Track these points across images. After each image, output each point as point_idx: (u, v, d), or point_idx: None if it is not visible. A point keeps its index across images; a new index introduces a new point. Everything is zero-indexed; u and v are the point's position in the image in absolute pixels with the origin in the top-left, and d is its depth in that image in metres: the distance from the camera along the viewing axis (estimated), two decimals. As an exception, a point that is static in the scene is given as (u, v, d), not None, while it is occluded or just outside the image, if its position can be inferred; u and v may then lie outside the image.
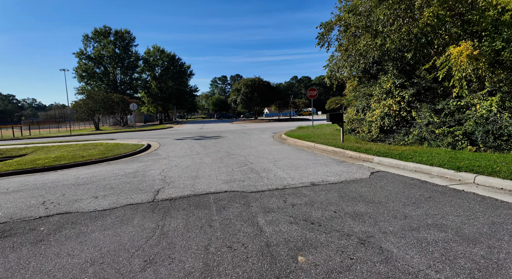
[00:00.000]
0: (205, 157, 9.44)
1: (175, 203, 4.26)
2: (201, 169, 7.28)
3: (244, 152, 10.26)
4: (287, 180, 5.57)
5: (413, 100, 9.77)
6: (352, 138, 11.77)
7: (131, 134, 22.95)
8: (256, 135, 16.67)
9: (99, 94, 35.47)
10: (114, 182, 6.05)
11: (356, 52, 10.59)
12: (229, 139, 15.20)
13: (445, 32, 8.97)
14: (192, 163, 8.26)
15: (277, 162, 7.85)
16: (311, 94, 17.48)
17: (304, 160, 7.87)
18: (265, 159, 8.46)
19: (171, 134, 20.38)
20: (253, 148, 11.19)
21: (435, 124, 8.58)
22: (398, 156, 6.90)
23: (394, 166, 6.43)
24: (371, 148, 8.46)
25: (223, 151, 10.84)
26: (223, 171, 6.84)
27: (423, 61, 10.00)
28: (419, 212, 3.47)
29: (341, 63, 11.34)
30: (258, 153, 9.71)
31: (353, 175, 5.78)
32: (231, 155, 9.66)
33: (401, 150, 7.94)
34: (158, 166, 7.96)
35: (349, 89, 15.99)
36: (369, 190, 4.59)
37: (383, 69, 11.40)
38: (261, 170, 6.68)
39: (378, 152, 7.64)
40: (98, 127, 35.94)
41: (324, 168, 6.60)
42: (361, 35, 10.23)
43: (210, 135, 18.28)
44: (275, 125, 28.28)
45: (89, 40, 46.64)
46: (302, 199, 4.23)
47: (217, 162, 8.32)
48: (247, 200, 4.29)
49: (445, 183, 4.77)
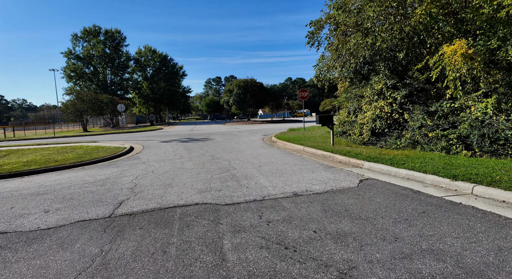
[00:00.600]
0: (187, 161, 8.87)
1: (134, 219, 3.70)
2: (178, 175, 6.71)
3: (229, 155, 9.72)
4: (268, 189, 5.05)
5: (405, 101, 9.36)
6: (343, 141, 11.32)
7: (117, 136, 22.19)
8: (246, 138, 16.15)
9: (87, 94, 34.52)
10: (78, 191, 5.45)
11: (347, 51, 10.17)
12: (217, 142, 14.64)
13: (438, 31, 8.59)
14: (171, 168, 7.68)
15: (262, 167, 7.33)
16: (302, 95, 17.02)
17: (290, 165, 7.37)
18: (250, 164, 7.93)
19: (158, 136, 19.72)
20: (240, 152, 10.66)
21: (428, 127, 8.17)
22: (389, 161, 6.45)
23: (385, 172, 5.97)
24: (361, 152, 8.00)
25: (208, 154, 10.28)
26: (201, 178, 6.28)
27: (415, 61, 9.61)
28: (412, 232, 2.97)
29: (331, 63, 10.90)
30: (244, 157, 9.18)
31: (341, 183, 5.28)
32: (216, 159, 9.11)
33: (392, 154, 7.50)
34: (134, 172, 7.36)
35: (341, 90, 15.59)
36: (356, 202, 4.09)
37: (374, 69, 11.00)
38: (243, 177, 6.15)
39: (368, 157, 7.17)
40: (86, 129, 34.97)
41: (310, 175, 6.10)
42: (352, 34, 9.81)
43: (199, 137, 17.69)
44: (267, 127, 27.79)
45: (78, 39, 45.53)
46: (281, 214, 3.71)
47: (199, 167, 7.77)
48: (218, 215, 3.75)
49: (441, 193, 4.30)
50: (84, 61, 44.37)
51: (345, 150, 8.78)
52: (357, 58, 10.08)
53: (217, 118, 69.81)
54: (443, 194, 4.23)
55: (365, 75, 12.35)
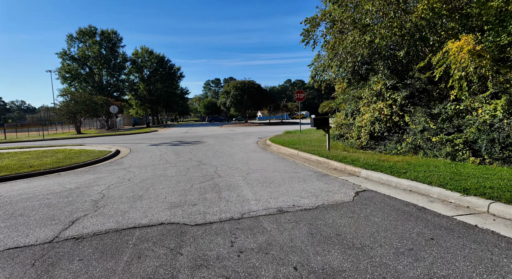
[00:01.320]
0: (171, 167, 8.21)
1: (79, 246, 3.03)
2: (155, 184, 6.04)
3: (218, 161, 9.06)
4: (250, 203, 4.38)
5: (406, 103, 8.73)
6: (340, 145, 10.67)
7: (109, 139, 21.51)
8: (240, 141, 15.49)
9: (81, 96, 33.85)
10: (36, 204, 4.78)
11: (344, 50, 9.53)
12: (209, 145, 13.98)
13: (441, 27, 7.97)
14: (151, 176, 7.02)
15: (249, 174, 6.67)
16: (298, 96, 16.39)
17: (281, 173, 6.70)
18: (238, 170, 7.27)
19: (150, 139, 19.05)
20: (231, 156, 10.01)
21: (431, 131, 7.52)
22: (389, 169, 5.79)
23: (385, 182, 5.31)
24: (358, 158, 7.34)
25: (195, 159, 9.62)
26: (179, 188, 5.62)
27: (417, 60, 8.99)
28: (420, 271, 2.32)
29: (327, 62, 10.27)
30: (232, 163, 8.52)
31: (334, 196, 4.62)
32: (202, 164, 8.46)
33: (393, 161, 6.85)
34: (109, 180, 6.70)
35: (338, 92, 14.96)
36: (350, 222, 3.43)
37: (373, 69, 10.37)
38: (225, 187, 5.48)
39: (366, 164, 6.52)
40: (79, 131, 34.28)
41: (301, 185, 5.43)
42: (349, 32, 9.18)
43: (191, 140, 17.02)
44: (263, 129, 27.15)
45: (74, 40, 44.87)
46: (258, 239, 3.05)
47: (181, 174, 7.11)
48: (182, 240, 3.09)
49: (450, 211, 3.64)
50: (79, 62, 43.71)
51: (341, 155, 8.13)
52: (354, 57, 9.45)
53: (215, 120, 69.08)
54: (453, 213, 3.57)
55: (363, 76, 11.73)
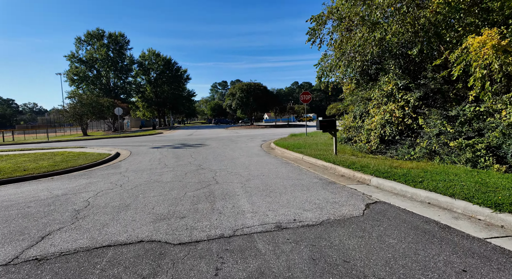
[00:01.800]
0: (169, 172, 7.77)
1: (38, 271, 2.57)
2: (147, 191, 5.59)
3: (218, 165, 8.59)
4: (245, 216, 3.88)
5: (419, 105, 8.10)
6: (348, 149, 10.08)
7: (113, 141, 21.32)
8: (243, 144, 15.01)
9: (87, 98, 33.99)
10: (12, 213, 4.38)
11: (352, 48, 8.98)
12: (211, 148, 13.54)
13: (459, 22, 7.35)
14: (145, 181, 6.58)
15: (249, 181, 6.16)
16: (304, 98, 15.83)
17: (283, 179, 6.18)
18: (237, 176, 6.78)
19: (153, 141, 18.74)
20: (232, 160, 9.53)
21: (448, 135, 6.89)
22: (403, 177, 5.20)
23: (399, 193, 4.73)
24: (368, 164, 6.76)
25: (195, 163, 9.18)
26: (171, 196, 5.15)
27: (431, 59, 8.37)
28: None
29: (334, 61, 9.73)
30: (233, 168, 8.04)
31: (341, 208, 4.07)
32: (201, 169, 8.00)
33: (406, 167, 6.24)
34: (100, 186, 6.29)
35: (346, 93, 14.36)
36: (360, 244, 2.89)
37: (383, 69, 9.77)
38: (221, 196, 4.99)
39: (377, 171, 5.93)
40: (86, 133, 34.37)
41: (304, 194, 4.90)
42: (357, 28, 8.64)
43: (194, 143, 16.63)
44: (269, 131, 26.63)
45: (82, 43, 45.40)
46: (249, 265, 2.55)
47: (177, 179, 6.65)
48: (158, 265, 2.60)
49: (481, 232, 3.06)
50: (87, 64, 44.11)
51: (350, 160, 7.55)
52: (363, 56, 8.88)
53: (221, 122, 68.87)
54: (485, 234, 2.99)
55: (373, 76, 11.14)
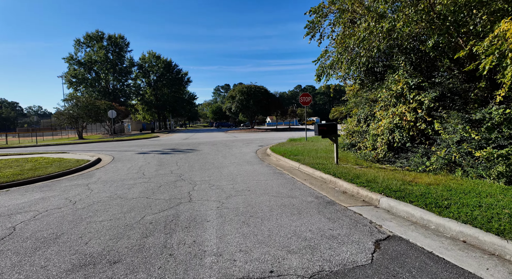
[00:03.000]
0: (141, 184, 6.68)
1: None
2: (99, 213, 4.48)
3: (201, 175, 7.48)
4: (203, 262, 2.73)
5: (435, 107, 6.91)
6: (351, 157, 8.91)
7: (103, 145, 20.31)
8: (237, 149, 13.88)
9: (83, 100, 33.19)
10: None
11: (355, 42, 7.84)
12: (202, 154, 12.43)
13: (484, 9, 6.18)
14: (106, 197, 5.48)
15: (229, 199, 5.02)
16: (304, 100, 14.67)
17: (271, 197, 5.03)
18: (218, 191, 5.64)
19: (144, 146, 17.68)
20: (219, 169, 8.41)
21: (472, 142, 5.70)
22: (422, 198, 4.02)
23: (418, 221, 3.55)
24: (376, 178, 5.58)
25: (177, 173, 8.09)
26: (123, 222, 4.03)
27: (447, 53, 7.20)
28: None
29: (336, 57, 8.59)
30: (217, 179, 6.92)
31: (340, 249, 2.91)
32: (181, 180, 6.90)
33: (423, 182, 5.06)
34: (50, 203, 5.20)
35: (349, 94, 13.21)
36: None
37: (391, 66, 8.61)
38: (185, 224, 3.85)
39: (387, 188, 4.76)
40: (81, 136, 33.52)
41: (293, 222, 3.74)
42: (361, 19, 7.51)
43: (185, 148, 15.53)
44: (268, 135, 25.48)
45: (81, 45, 44.83)
46: None
47: (144, 195, 5.54)
48: None
49: None
50: (86, 66, 43.46)
51: (353, 172, 6.37)
52: (368, 51, 7.73)
53: (222, 125, 67.87)
54: None
55: (379, 75, 9.98)
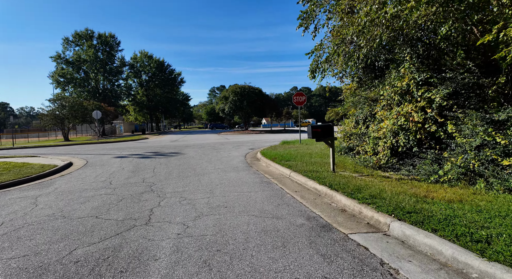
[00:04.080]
0: (102, 196, 5.58)
1: None
2: (15, 244, 3.37)
3: (176, 185, 6.40)
4: None
5: (448, 105, 5.93)
6: (349, 163, 7.89)
7: (84, 148, 19.04)
8: (226, 153, 12.80)
9: (68, 100, 31.79)
10: None
11: (355, 29, 6.84)
12: (185, 158, 11.32)
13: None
14: (46, 217, 4.37)
15: (198, 220, 3.95)
16: (298, 100, 13.65)
17: (251, 217, 3.96)
18: (187, 208, 4.57)
19: (126, 149, 16.48)
20: (200, 177, 7.35)
21: (497, 148, 4.70)
22: (449, 226, 2.99)
23: (450, 263, 2.50)
24: (381, 191, 4.55)
25: (149, 181, 7.00)
26: (36, 260, 2.92)
27: (462, 43, 6.23)
28: None
29: (332, 49, 7.58)
30: (193, 190, 5.84)
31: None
32: (149, 192, 5.81)
33: (441, 198, 4.04)
34: (-34, 226, 4.05)
35: (346, 93, 12.22)
36: None
37: (394, 60, 7.63)
38: (123, 263, 2.76)
39: (398, 206, 3.72)
40: (67, 138, 32.10)
41: (275, 261, 2.67)
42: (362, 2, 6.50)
43: (170, 151, 14.38)
44: (261, 138, 24.43)
45: (70, 43, 43.29)
46: None
47: (94, 215, 4.44)
48: None
49: None
50: (74, 66, 41.94)
51: (353, 182, 5.34)
52: (370, 41, 6.73)
53: (216, 127, 66.62)
54: None
55: (379, 71, 9.01)
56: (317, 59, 8.20)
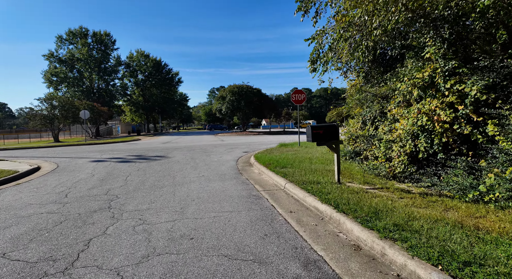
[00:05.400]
0: (39, 217, 4.31)
1: None
2: None
3: (142, 200, 5.12)
4: None
5: (489, 100, 4.64)
6: (356, 171, 6.59)
7: (67, 150, 17.73)
8: (217, 156, 11.50)
9: (62, 100, 30.52)
10: None
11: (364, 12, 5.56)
12: (169, 162, 10.03)
13: None
14: None
15: (141, 265, 2.67)
16: (297, 98, 12.36)
17: (222, 260, 2.67)
18: (139, 238, 3.29)
19: (110, 151, 15.17)
20: (177, 187, 6.07)
21: None
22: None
23: None
24: (409, 218, 3.25)
25: (113, 193, 5.73)
26: None
27: (504, 21, 4.94)
28: None
29: (337, 34, 6.29)
30: (158, 208, 4.55)
31: None
32: (103, 210, 4.54)
33: (502, 231, 2.74)
34: None
35: (351, 91, 10.93)
36: None
37: (411, 47, 6.33)
38: None
39: (444, 250, 2.42)
40: (57, 139, 30.77)
41: None
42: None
43: (156, 154, 13.08)
44: (258, 139, 23.14)
45: (64, 42, 42.07)
46: None
47: (2, 250, 3.13)
48: None
49: None
50: (67, 64, 40.69)
51: (366, 200, 4.03)
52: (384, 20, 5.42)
53: (215, 128, 65.25)
54: None
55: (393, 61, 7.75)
56: (318, 47, 6.92)
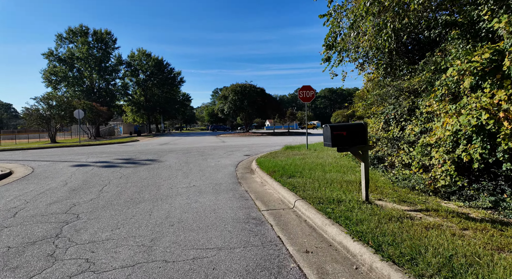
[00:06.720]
0: None
1: None
2: None
3: (108, 223, 3.86)
4: None
5: None
6: (383, 183, 5.24)
7: (58, 151, 16.59)
8: (214, 160, 10.21)
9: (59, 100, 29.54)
10: None
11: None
12: (159, 168, 8.76)
13: None
14: None
15: None
16: (304, 95, 11.03)
17: None
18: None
19: (98, 154, 13.96)
20: (157, 203, 4.80)
21: None
22: None
23: None
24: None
25: (76, 212, 4.49)
26: None
27: None
28: None
29: (361, 8, 4.94)
30: (120, 241, 3.26)
31: None
32: (46, 241, 3.28)
33: None
34: None
35: (368, 85, 9.56)
36: None
37: (458, 24, 4.96)
38: None
39: None
40: (54, 140, 29.78)
41: None
42: None
43: (148, 157, 11.83)
44: (262, 141, 21.81)
45: (64, 40, 41.20)
46: None
47: None
48: None
49: None
50: (67, 63, 39.79)
51: (423, 238, 2.67)
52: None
53: (218, 129, 64.08)
54: None
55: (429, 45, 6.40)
56: (335, 28, 5.57)
